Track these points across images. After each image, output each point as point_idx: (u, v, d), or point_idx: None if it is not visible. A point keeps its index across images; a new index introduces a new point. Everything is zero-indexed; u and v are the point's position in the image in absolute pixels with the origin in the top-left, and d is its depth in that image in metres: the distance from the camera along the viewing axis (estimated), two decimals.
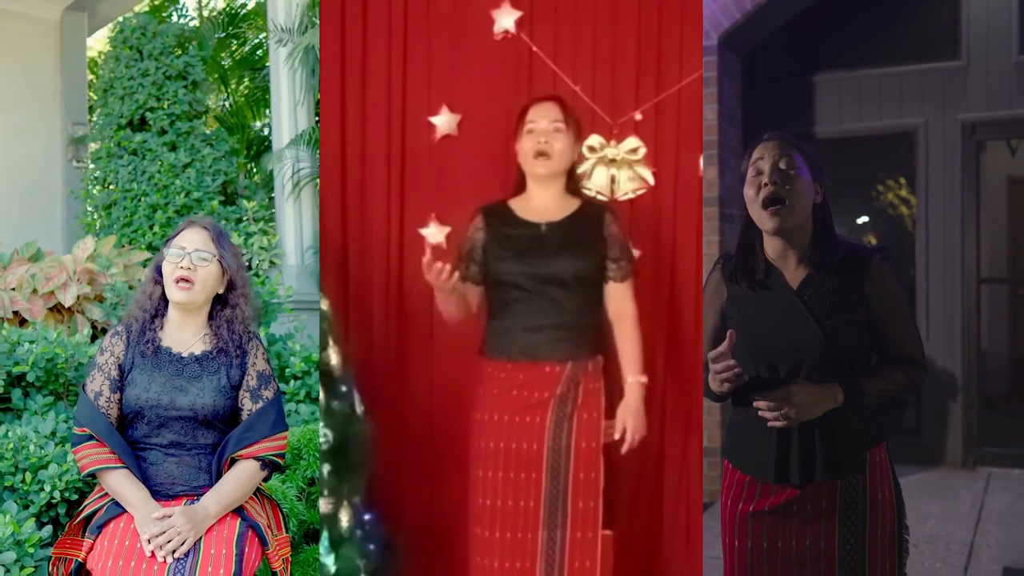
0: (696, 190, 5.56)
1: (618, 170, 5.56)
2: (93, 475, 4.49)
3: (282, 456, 4.65)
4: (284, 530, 4.74)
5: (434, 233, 5.58)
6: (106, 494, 4.50)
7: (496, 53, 5.60)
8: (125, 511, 4.38)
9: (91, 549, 4.32)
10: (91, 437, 4.47)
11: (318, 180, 10.32)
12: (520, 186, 5.22)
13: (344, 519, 5.24)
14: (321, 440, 5.24)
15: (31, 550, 4.59)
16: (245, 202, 10.06)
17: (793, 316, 3.93)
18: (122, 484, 4.39)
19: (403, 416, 5.54)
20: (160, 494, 4.45)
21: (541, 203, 5.14)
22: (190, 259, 4.54)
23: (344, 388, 5.33)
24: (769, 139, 4.01)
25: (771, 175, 3.90)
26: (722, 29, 9.21)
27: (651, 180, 5.57)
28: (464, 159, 5.56)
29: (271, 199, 11.33)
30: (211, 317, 4.73)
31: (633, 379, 5.14)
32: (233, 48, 16.54)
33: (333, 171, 5.58)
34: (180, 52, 10.67)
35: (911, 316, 4.08)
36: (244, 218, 10.10)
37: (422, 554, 5.52)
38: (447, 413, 5.53)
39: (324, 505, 5.22)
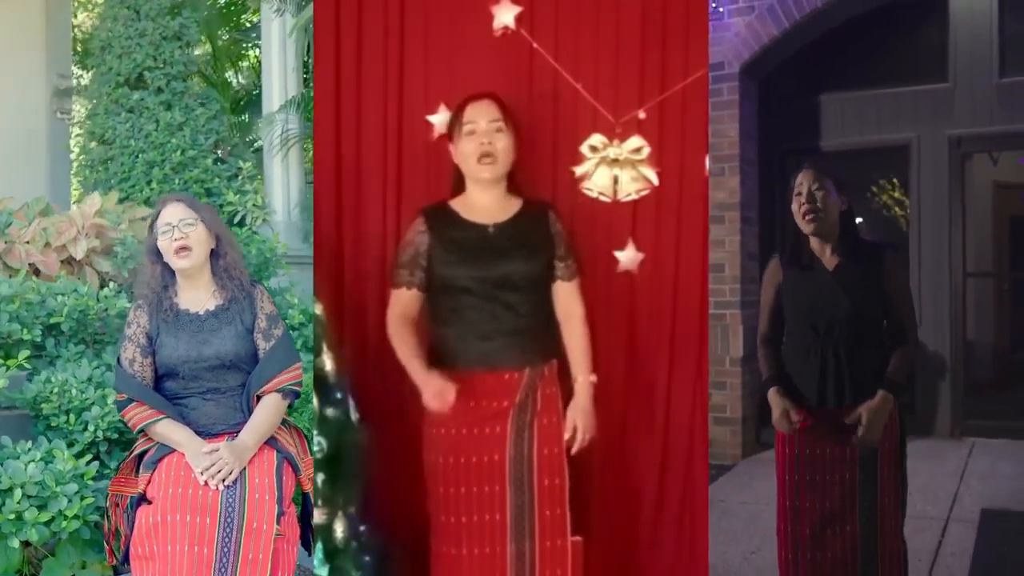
0: (701, 191, 4.28)
1: (621, 170, 4.25)
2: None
3: (299, 384, 4.12)
4: (308, 453, 4.19)
5: None
6: (149, 439, 4.04)
7: (495, 50, 4.27)
8: (172, 450, 3.92)
9: (149, 482, 3.87)
10: (131, 400, 4.02)
11: (305, 142, 9.23)
12: (457, 188, 4.05)
13: (339, 530, 4.01)
14: (316, 448, 4.04)
15: (89, 482, 4.23)
16: (240, 162, 8.86)
17: (829, 291, 4.08)
18: (168, 430, 3.94)
19: (399, 424, 4.22)
20: (204, 434, 3.96)
21: (484, 205, 4.01)
22: (179, 230, 4.04)
23: (339, 395, 4.06)
24: (806, 168, 4.11)
25: (807, 196, 4.05)
26: (742, 59, 8.43)
27: (655, 180, 4.25)
28: None
29: (254, 155, 10.15)
30: (213, 273, 4.17)
31: (583, 378, 4.04)
32: (219, 4, 14.20)
33: (328, 171, 4.27)
34: (175, 14, 9.24)
35: (911, 297, 4.26)
36: (239, 176, 8.86)
37: (419, 565, 4.19)
38: None
39: (319, 515, 4.01)
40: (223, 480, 3.73)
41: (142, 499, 3.84)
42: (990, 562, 5.50)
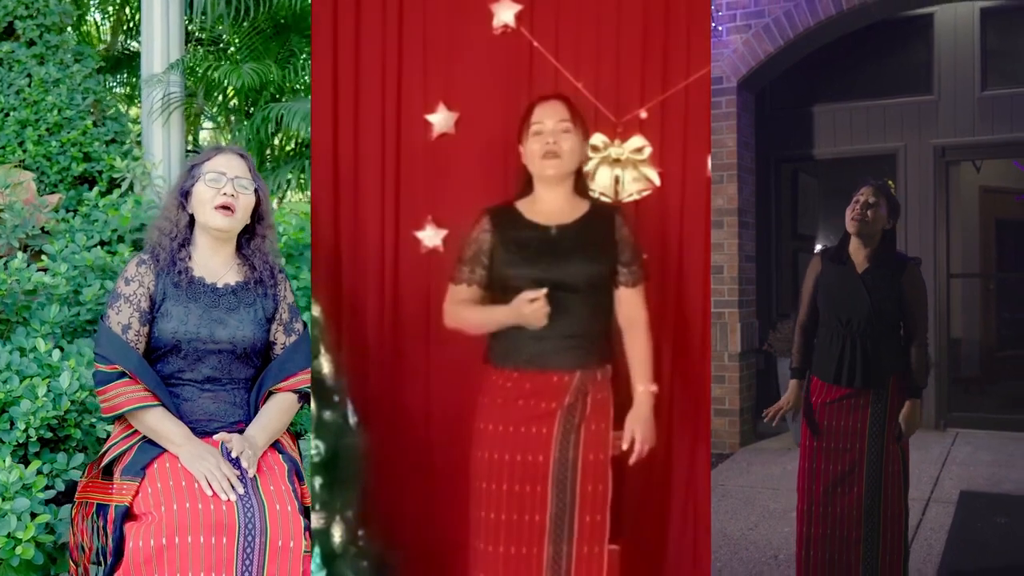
0: (704, 191, 3.74)
1: (622, 170, 3.73)
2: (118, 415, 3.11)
3: (309, 388, 3.36)
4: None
5: (430, 236, 3.74)
6: (131, 435, 3.10)
7: (495, 48, 3.74)
8: (162, 451, 3.03)
9: (137, 493, 2.93)
10: (122, 375, 3.05)
11: (186, 105, 7.79)
12: (525, 188, 3.50)
13: (337, 534, 3.49)
14: (313, 452, 3.48)
15: (38, 494, 3.19)
16: (129, 124, 7.26)
17: (855, 289, 4.21)
18: (161, 422, 3.03)
19: (398, 427, 3.74)
20: (195, 431, 3.08)
21: (550, 205, 3.46)
22: (232, 185, 3.18)
23: (337, 398, 3.54)
24: (870, 184, 4.27)
25: (861, 206, 4.18)
26: (740, 74, 8.15)
27: (657, 181, 3.72)
28: (462, 159, 3.73)
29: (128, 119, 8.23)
30: (238, 247, 3.33)
31: (643, 388, 3.49)
32: None
33: (325, 171, 3.73)
34: None
35: (926, 304, 4.35)
36: (126, 140, 7.06)
37: (418, 571, 3.77)
38: (444, 424, 3.76)
39: (316, 520, 3.44)
40: (232, 487, 2.89)
41: (126, 514, 2.92)
42: (965, 537, 5.58)
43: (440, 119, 3.70)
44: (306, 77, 8.27)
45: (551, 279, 3.34)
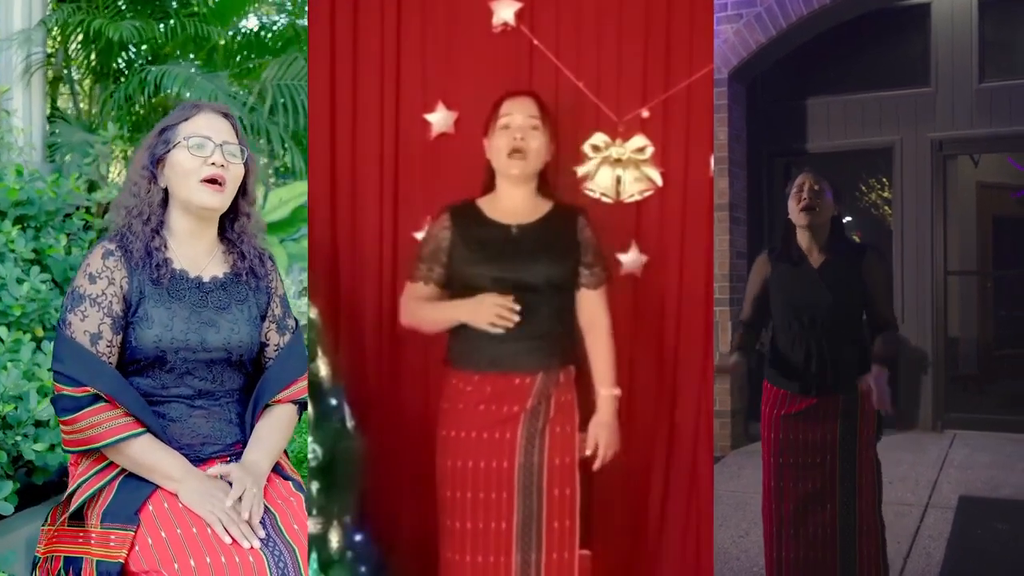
0: (706, 192, 3.77)
1: (624, 170, 3.76)
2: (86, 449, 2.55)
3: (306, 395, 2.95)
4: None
5: None
6: (106, 467, 2.55)
7: (495, 47, 3.77)
8: (153, 487, 2.50)
9: (132, 545, 2.38)
10: (95, 398, 2.48)
11: (48, 67, 7.23)
12: (488, 185, 3.55)
13: (334, 539, 3.48)
14: (310, 456, 3.47)
15: None
16: None
17: (814, 286, 4.02)
18: (151, 453, 2.50)
19: (396, 431, 3.77)
20: (188, 458, 2.58)
21: (512, 204, 3.51)
22: (221, 154, 2.63)
23: (334, 401, 3.53)
24: (807, 172, 4.08)
25: (808, 192, 3.98)
26: (731, 65, 8.08)
27: (659, 181, 3.76)
28: (461, 159, 3.73)
29: None
30: (221, 230, 2.80)
31: (606, 392, 3.53)
32: None
33: (323, 171, 3.75)
34: None
35: (891, 292, 4.34)
36: None
37: (416, 575, 3.77)
38: None
39: (313, 525, 3.43)
40: (253, 532, 2.44)
41: (121, 573, 2.39)
42: (965, 545, 5.48)
43: (439, 118, 3.74)
44: (177, 42, 7.79)
45: (511, 278, 3.38)
